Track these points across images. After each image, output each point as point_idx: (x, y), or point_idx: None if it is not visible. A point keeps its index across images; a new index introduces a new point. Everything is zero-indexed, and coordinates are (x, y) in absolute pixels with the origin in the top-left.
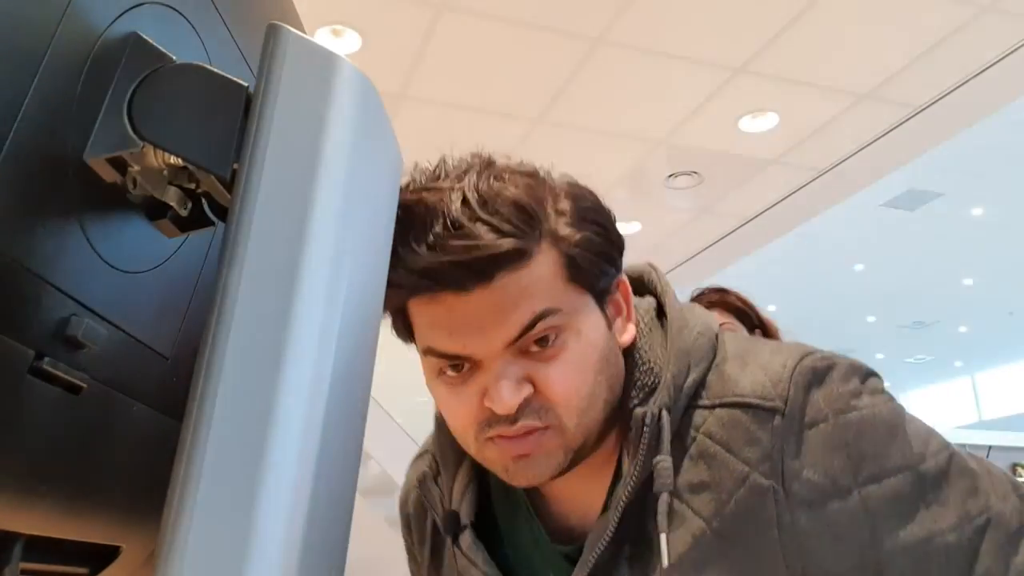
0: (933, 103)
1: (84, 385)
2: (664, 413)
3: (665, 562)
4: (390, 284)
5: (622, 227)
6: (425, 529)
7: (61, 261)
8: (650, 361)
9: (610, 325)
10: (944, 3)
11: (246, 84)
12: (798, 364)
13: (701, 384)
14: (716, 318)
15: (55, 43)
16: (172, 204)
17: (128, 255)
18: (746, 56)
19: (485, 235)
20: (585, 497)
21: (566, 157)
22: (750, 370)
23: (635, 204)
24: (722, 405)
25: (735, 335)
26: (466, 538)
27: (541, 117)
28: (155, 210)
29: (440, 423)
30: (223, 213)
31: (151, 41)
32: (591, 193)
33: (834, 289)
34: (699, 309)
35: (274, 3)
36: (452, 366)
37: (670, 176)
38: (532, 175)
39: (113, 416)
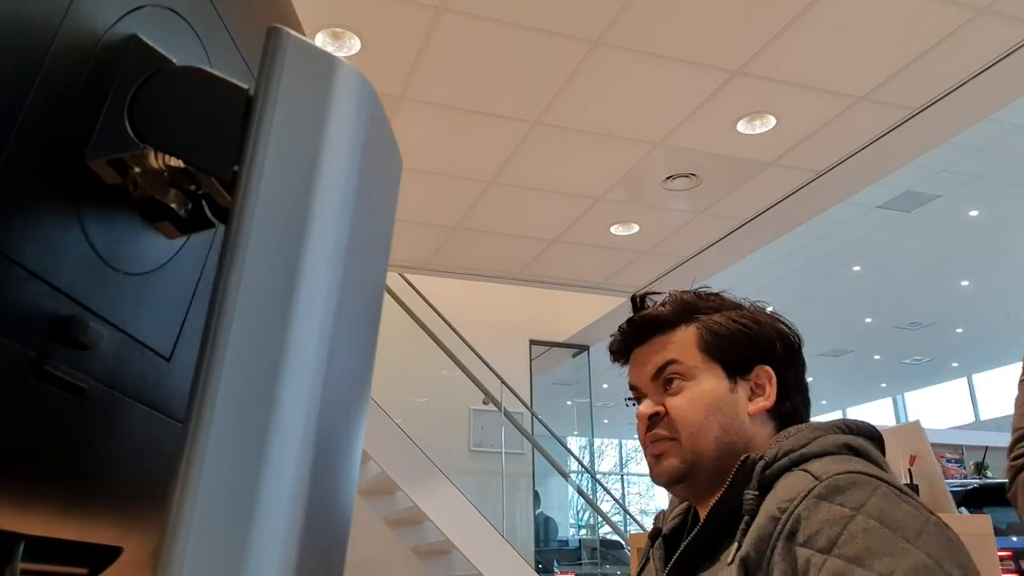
0: (930, 105)
1: (85, 386)
2: (761, 463)
3: (730, 559)
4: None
5: (620, 229)
6: (645, 548)
7: (62, 262)
8: (786, 440)
9: (734, 390)
10: (941, 5)
11: (246, 86)
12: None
13: (800, 462)
14: None
15: (56, 45)
16: (173, 206)
17: (129, 256)
18: (744, 58)
19: (652, 312)
20: None
21: (564, 159)
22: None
23: (634, 206)
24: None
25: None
26: (657, 541)
27: (540, 119)
28: (156, 212)
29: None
30: (223, 215)
31: (151, 44)
32: (760, 323)
33: (831, 290)
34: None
35: (274, 6)
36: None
37: (668, 178)
38: (737, 306)
39: (114, 417)
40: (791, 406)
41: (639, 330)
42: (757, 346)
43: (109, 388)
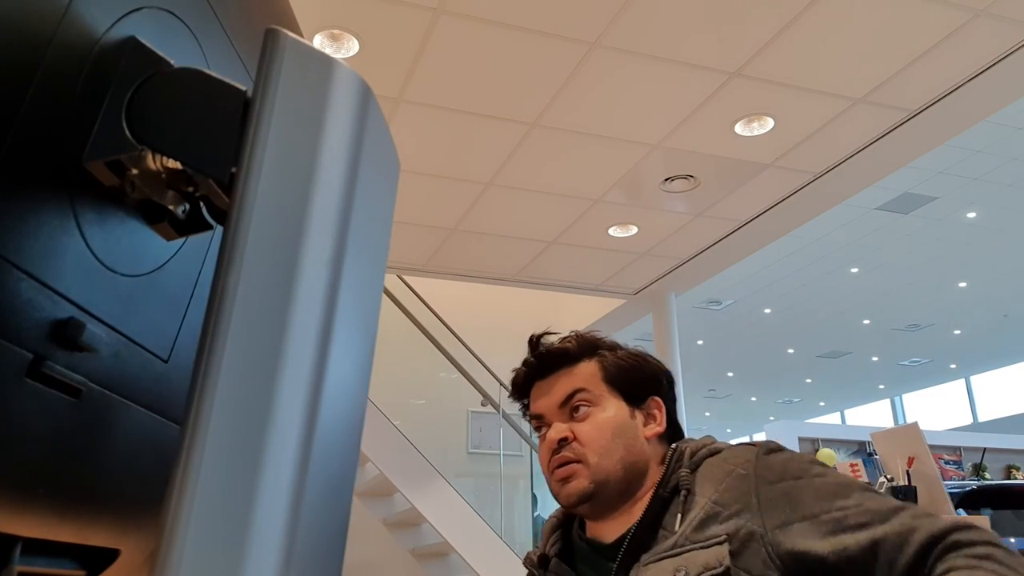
0: (928, 107)
1: (82, 388)
2: (688, 450)
3: (676, 528)
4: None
5: (618, 230)
6: None
7: (59, 264)
8: (694, 440)
9: (633, 416)
10: (938, 7)
11: (244, 88)
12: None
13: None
14: None
15: (53, 47)
16: (170, 208)
17: (126, 258)
18: (741, 60)
19: (561, 346)
20: (619, 531)
21: (563, 161)
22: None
23: (632, 207)
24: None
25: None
26: (554, 561)
27: (538, 121)
28: (153, 213)
29: (542, 529)
30: (221, 217)
31: (149, 45)
32: (649, 360)
33: (829, 292)
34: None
35: (272, 8)
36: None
37: (666, 180)
38: (624, 347)
39: (111, 419)
40: (675, 432)
41: (546, 363)
42: (649, 380)
43: (106, 390)
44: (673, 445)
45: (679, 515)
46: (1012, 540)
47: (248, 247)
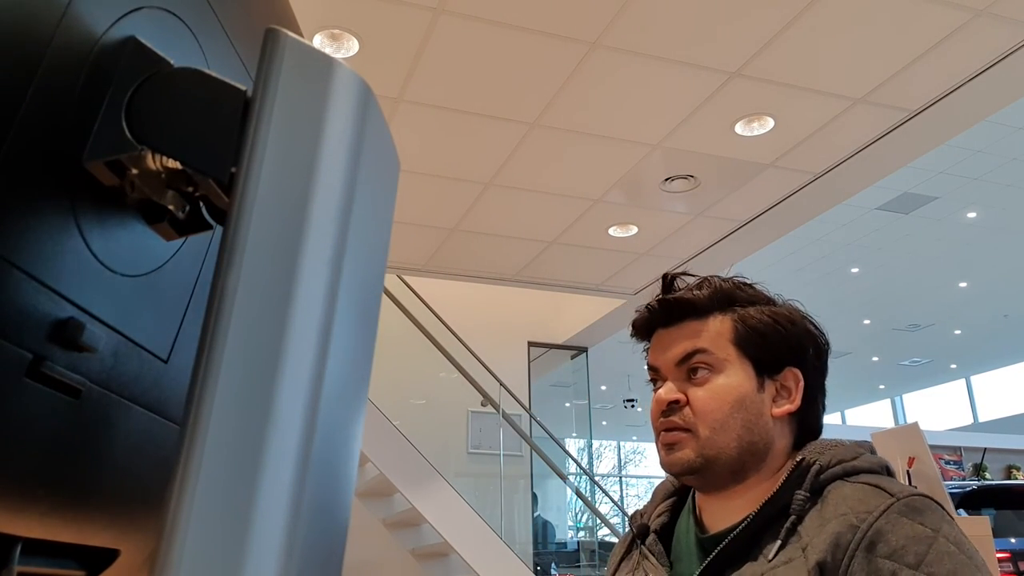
0: (928, 107)
1: (82, 388)
2: (816, 467)
3: (769, 557)
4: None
5: (618, 230)
6: (623, 543)
7: (59, 264)
8: (832, 450)
9: (761, 388)
10: (939, 7)
11: (244, 88)
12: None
13: (852, 473)
14: None
15: (53, 46)
16: (170, 208)
17: (126, 258)
18: (741, 60)
19: (687, 295)
20: (727, 516)
21: (562, 161)
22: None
23: (632, 207)
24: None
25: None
26: (651, 538)
27: (538, 121)
28: (153, 213)
29: (656, 489)
30: (221, 217)
31: (149, 45)
32: (794, 323)
33: (830, 292)
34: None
35: (272, 8)
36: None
37: (666, 180)
38: (772, 301)
39: (111, 419)
40: (812, 413)
41: (669, 311)
42: (790, 347)
43: (106, 390)
44: (800, 457)
45: (777, 543)
46: (1013, 540)
47: (248, 247)
